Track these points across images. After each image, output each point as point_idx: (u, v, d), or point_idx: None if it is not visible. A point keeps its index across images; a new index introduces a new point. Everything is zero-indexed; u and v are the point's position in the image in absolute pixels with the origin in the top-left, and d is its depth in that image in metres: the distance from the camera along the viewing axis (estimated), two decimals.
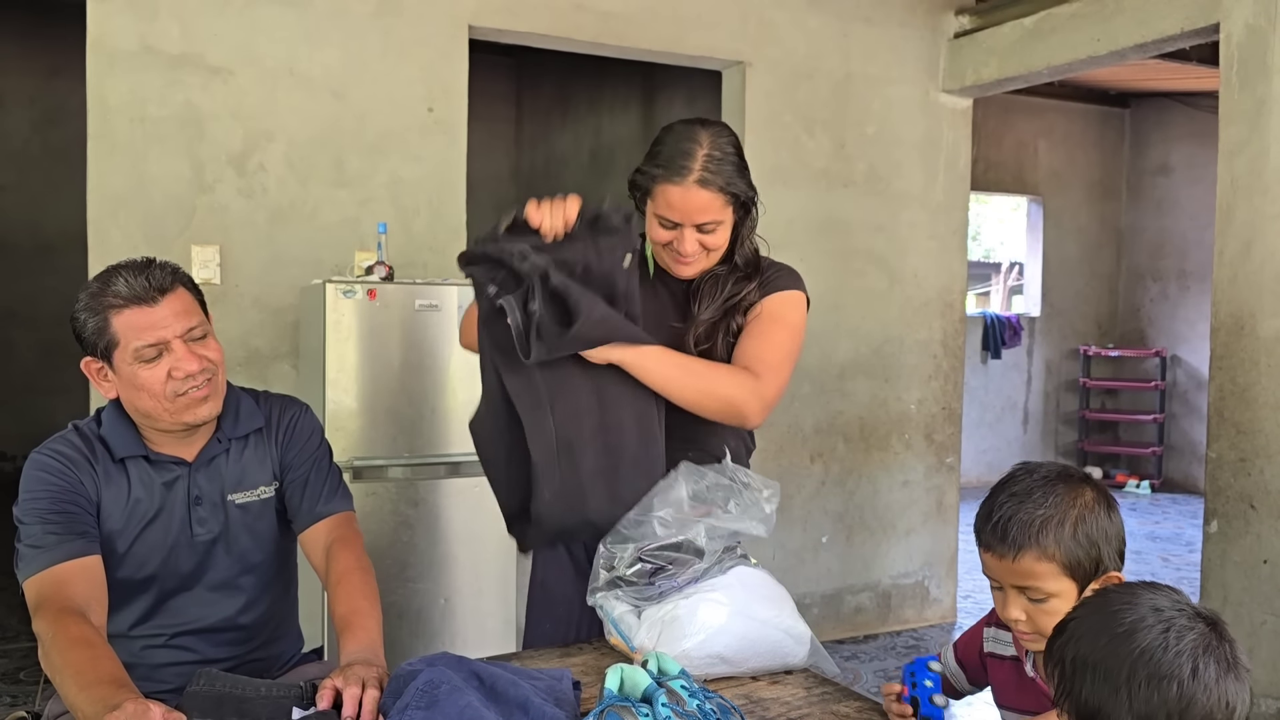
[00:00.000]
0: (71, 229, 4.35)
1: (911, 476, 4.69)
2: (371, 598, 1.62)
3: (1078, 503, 1.37)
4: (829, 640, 4.38)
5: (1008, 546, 1.39)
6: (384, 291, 3.09)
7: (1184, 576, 5.62)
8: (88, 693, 1.30)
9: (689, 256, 1.77)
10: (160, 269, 1.63)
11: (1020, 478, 1.41)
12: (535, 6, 3.81)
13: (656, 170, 1.72)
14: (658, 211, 1.74)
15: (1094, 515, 1.37)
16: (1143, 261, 8.67)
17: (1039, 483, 1.39)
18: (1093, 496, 1.38)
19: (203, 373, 1.62)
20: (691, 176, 1.70)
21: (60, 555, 1.54)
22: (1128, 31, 3.80)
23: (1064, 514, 1.36)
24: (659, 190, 1.72)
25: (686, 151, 1.71)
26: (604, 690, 1.32)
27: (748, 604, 1.58)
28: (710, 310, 1.80)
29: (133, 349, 1.58)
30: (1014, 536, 1.37)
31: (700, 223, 1.73)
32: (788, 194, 4.33)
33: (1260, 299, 3.12)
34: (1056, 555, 1.35)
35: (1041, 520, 1.35)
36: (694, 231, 1.74)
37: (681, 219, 1.72)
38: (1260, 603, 3.12)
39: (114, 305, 1.58)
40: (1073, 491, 1.38)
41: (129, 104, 3.28)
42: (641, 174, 1.76)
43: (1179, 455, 8.39)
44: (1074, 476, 1.40)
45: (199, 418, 1.64)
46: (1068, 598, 1.37)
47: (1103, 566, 1.37)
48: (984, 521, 1.41)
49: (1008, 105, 7.91)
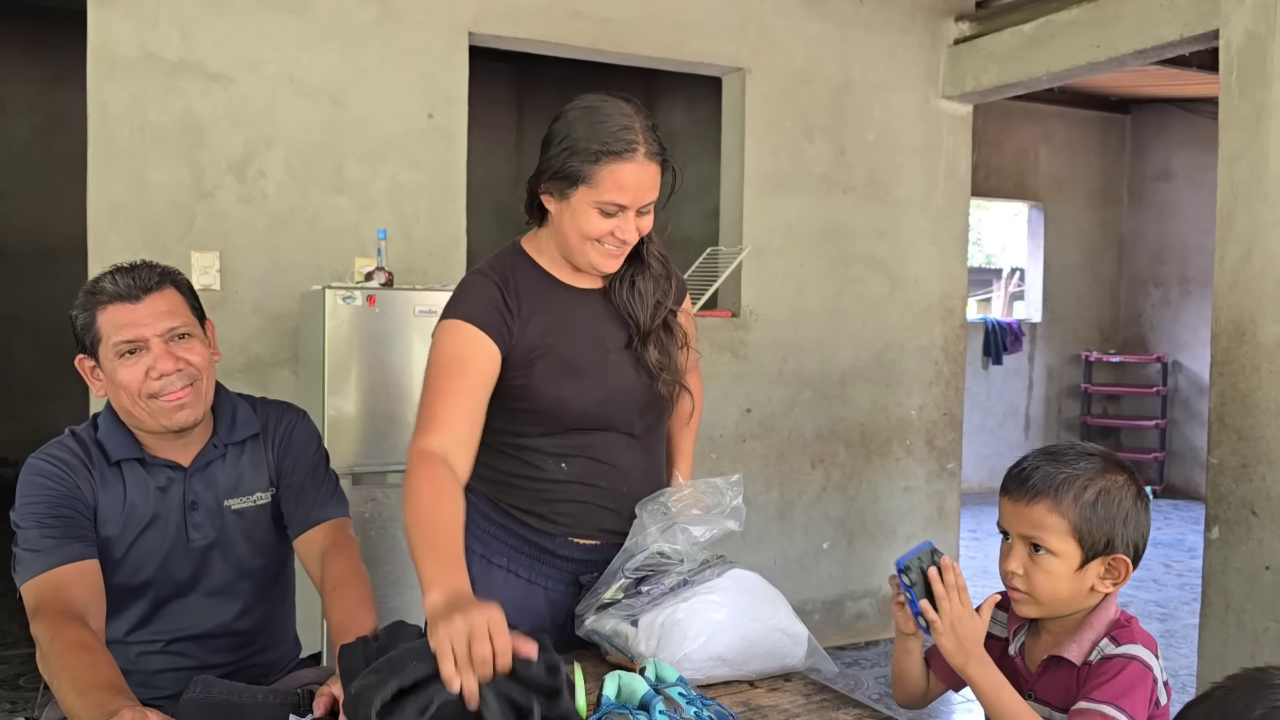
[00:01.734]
0: (72, 235, 4.35)
1: (913, 482, 4.68)
2: (367, 604, 1.62)
3: (1107, 478, 1.38)
4: (830, 646, 4.37)
5: (1024, 491, 1.41)
6: (384, 297, 3.09)
7: (1185, 582, 5.61)
8: (84, 698, 1.30)
9: (629, 245, 1.63)
10: (149, 269, 1.64)
11: (1063, 446, 1.44)
12: (535, 13, 3.81)
13: (600, 149, 1.54)
14: (602, 197, 1.56)
15: (1120, 496, 1.38)
16: (1144, 267, 8.67)
17: (1079, 453, 1.42)
18: (1126, 481, 1.40)
19: (179, 375, 1.61)
20: (641, 150, 1.55)
21: (57, 559, 1.54)
22: (1127, 38, 3.80)
23: (1089, 480, 1.38)
24: (606, 171, 1.54)
25: (626, 125, 1.55)
26: (601, 697, 1.31)
27: (745, 605, 1.58)
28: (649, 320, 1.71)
29: (112, 344, 1.60)
30: (1034, 483, 1.40)
31: (646, 202, 1.59)
32: (788, 200, 4.33)
33: (1261, 304, 3.12)
34: (1069, 514, 1.37)
35: (1065, 478, 1.38)
36: (634, 215, 1.59)
37: (632, 200, 1.57)
38: (1262, 609, 3.11)
39: (100, 302, 1.60)
40: (1108, 469, 1.40)
41: (129, 110, 3.28)
42: (577, 156, 1.55)
43: (1181, 461, 8.38)
44: (1117, 461, 1.42)
45: (176, 423, 1.64)
46: (1069, 561, 1.38)
47: (1113, 547, 1.38)
48: (1013, 468, 1.45)
49: (1008, 111, 7.91)
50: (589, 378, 1.68)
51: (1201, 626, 3.33)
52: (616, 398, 1.70)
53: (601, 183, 1.56)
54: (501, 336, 1.63)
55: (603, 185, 1.56)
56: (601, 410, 1.70)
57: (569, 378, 1.67)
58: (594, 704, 1.34)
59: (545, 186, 1.65)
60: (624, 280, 1.71)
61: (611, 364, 1.71)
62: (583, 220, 1.60)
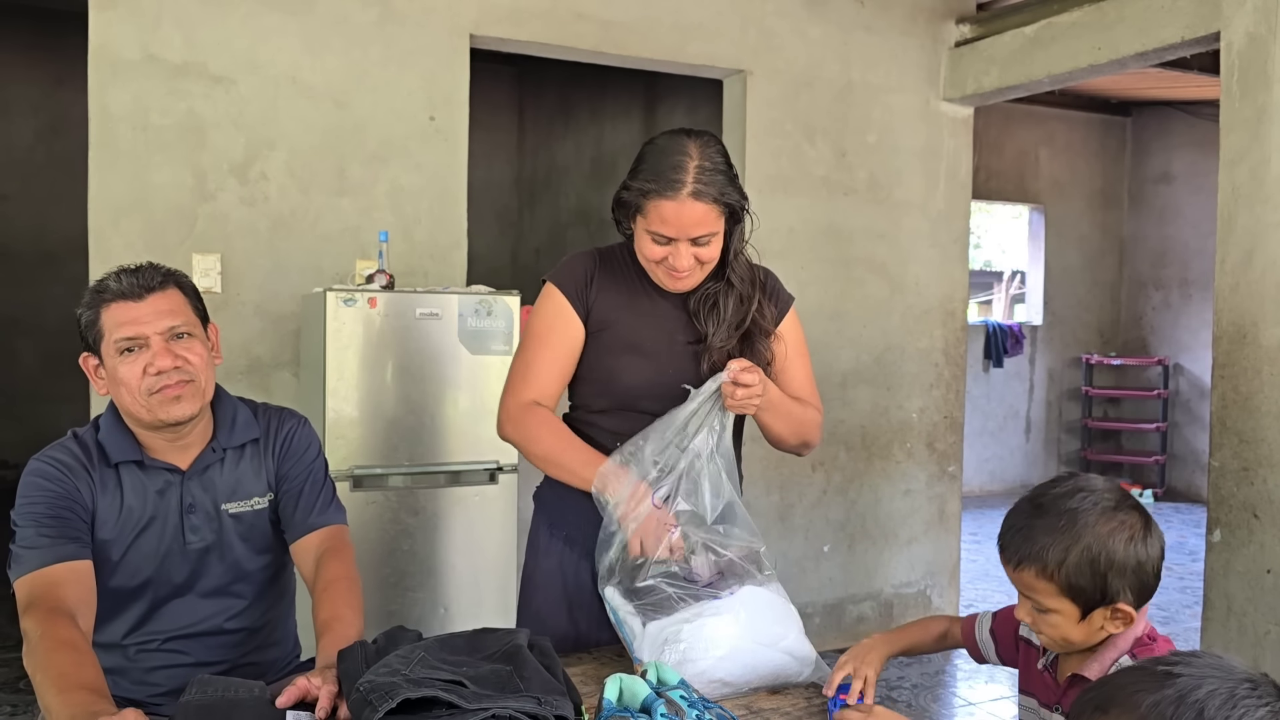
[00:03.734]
0: (74, 237, 4.35)
1: (913, 485, 4.68)
2: (355, 606, 1.63)
3: (1095, 531, 1.33)
4: (830, 650, 4.35)
5: (1008, 556, 1.40)
6: (385, 300, 3.09)
7: (1187, 586, 5.61)
8: (66, 696, 1.31)
9: (683, 272, 1.73)
10: (154, 270, 1.67)
11: (1053, 495, 1.39)
12: (537, 15, 3.81)
13: (648, 185, 1.68)
14: (650, 228, 1.70)
15: (1110, 548, 1.33)
16: (1145, 270, 8.67)
17: (1066, 498, 1.36)
18: (1116, 527, 1.34)
19: (176, 371, 1.63)
20: (685, 190, 1.66)
21: (52, 557, 1.55)
22: (1128, 40, 3.80)
23: (1073, 539, 1.33)
24: (651, 206, 1.68)
25: (677, 165, 1.67)
26: (603, 700, 1.31)
27: (752, 627, 1.55)
28: (721, 335, 1.78)
29: (114, 341, 1.62)
30: (1015, 548, 1.38)
31: (695, 236, 1.69)
32: (789, 202, 4.33)
33: (1262, 307, 3.12)
34: (1055, 576, 1.35)
35: (1047, 544, 1.34)
36: (688, 245, 1.70)
37: (676, 234, 1.68)
38: (1264, 612, 3.10)
39: (105, 300, 1.63)
40: (1100, 517, 1.34)
41: (131, 113, 3.28)
42: (630, 190, 1.72)
43: (1182, 464, 8.37)
44: (1111, 502, 1.36)
45: (172, 416, 1.65)
46: (1068, 616, 1.37)
47: (1110, 597, 1.35)
48: (1004, 523, 1.42)
49: (1009, 114, 7.91)
50: (646, 357, 1.78)
51: (1203, 630, 3.33)
52: (670, 382, 1.74)
53: (649, 215, 1.70)
54: (581, 302, 1.80)
55: (650, 218, 1.70)
56: (650, 389, 1.76)
57: (627, 352, 1.79)
58: (595, 707, 1.34)
59: (618, 216, 1.80)
60: (705, 297, 1.81)
61: (675, 352, 1.79)
62: (642, 244, 1.75)
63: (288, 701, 1.34)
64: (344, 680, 1.35)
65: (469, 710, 1.20)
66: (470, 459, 3.20)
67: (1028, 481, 8.60)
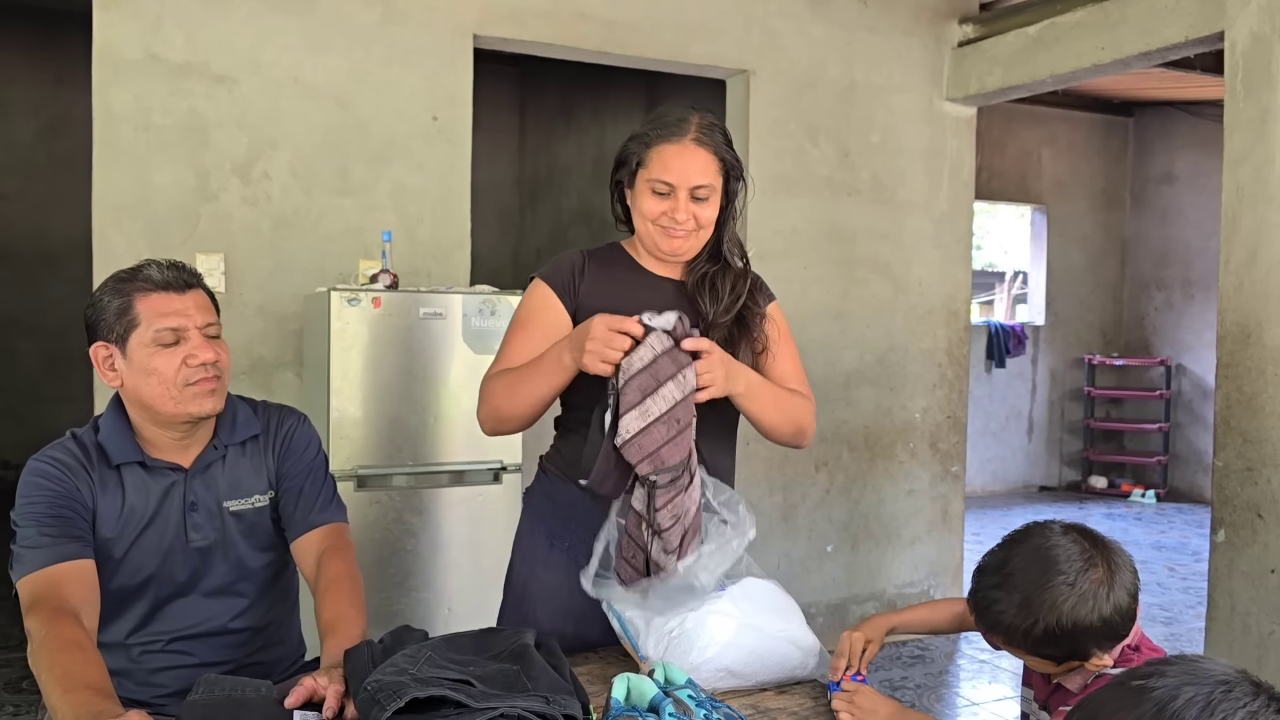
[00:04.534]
0: (76, 238, 4.36)
1: (916, 485, 4.68)
2: (358, 606, 1.63)
3: (1059, 607, 1.32)
4: (833, 650, 4.36)
5: (978, 621, 1.44)
6: (388, 300, 3.09)
7: (1190, 586, 5.60)
8: (71, 696, 1.30)
9: (682, 226, 1.73)
10: (186, 268, 1.69)
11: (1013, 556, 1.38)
12: (539, 16, 3.81)
13: (652, 132, 1.73)
14: (652, 176, 1.72)
15: (1079, 614, 1.32)
16: (1147, 270, 8.66)
17: (1028, 569, 1.35)
18: (1079, 598, 1.32)
19: (214, 366, 1.65)
20: (689, 135, 1.72)
21: (55, 556, 1.55)
22: (1132, 40, 3.80)
23: (1033, 621, 1.33)
24: (655, 154, 1.72)
25: (682, 116, 1.74)
26: (610, 700, 1.31)
27: (755, 616, 1.57)
28: (722, 312, 1.77)
29: (153, 331, 1.62)
30: (982, 618, 1.41)
31: (696, 184, 1.71)
32: (792, 203, 4.33)
33: (1266, 307, 3.11)
34: (1024, 645, 1.38)
35: (1011, 620, 1.36)
36: (688, 200, 1.72)
37: (679, 180, 1.71)
38: (1268, 612, 3.10)
39: (142, 289, 1.63)
40: (1059, 592, 1.32)
41: (134, 112, 3.28)
42: (635, 140, 1.76)
43: (1184, 464, 8.37)
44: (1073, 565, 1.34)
45: (203, 410, 1.65)
46: (1050, 666, 1.41)
47: (1083, 654, 1.36)
48: (974, 581, 1.44)
49: (1011, 114, 7.91)
50: None
51: (1207, 631, 3.32)
52: None
53: (651, 163, 1.73)
54: (569, 295, 1.80)
55: (652, 165, 1.73)
56: None
57: None
58: (603, 706, 1.33)
59: (618, 175, 1.81)
60: (703, 276, 1.81)
61: None
62: (642, 202, 1.75)
63: (296, 702, 1.34)
64: (351, 680, 1.35)
65: (477, 710, 1.19)
66: (474, 459, 3.20)
67: (1030, 482, 8.60)
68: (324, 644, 1.55)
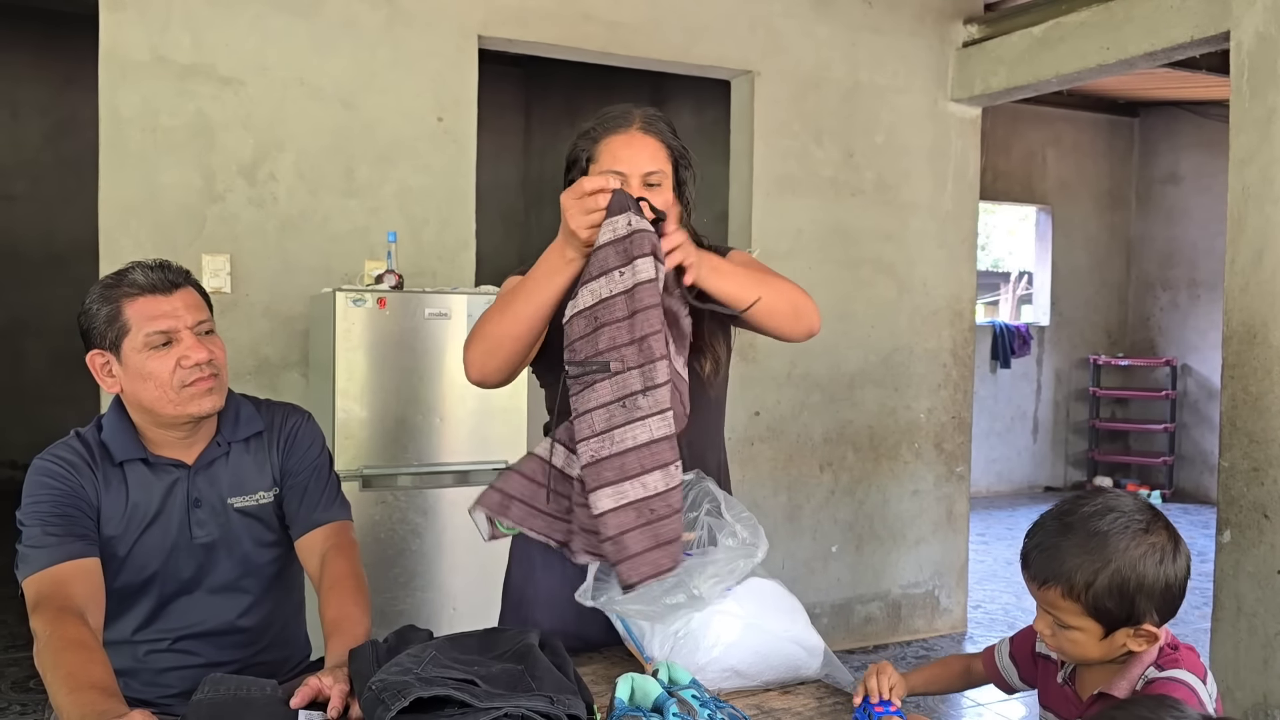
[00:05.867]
0: (83, 239, 4.37)
1: (921, 486, 4.67)
2: (363, 605, 1.64)
3: (1128, 554, 1.31)
4: (839, 650, 4.36)
5: (1033, 574, 1.38)
6: (393, 300, 3.10)
7: (1195, 586, 5.54)
8: (76, 696, 1.31)
9: None
10: (172, 267, 1.68)
11: (1081, 506, 1.36)
12: (544, 16, 3.82)
13: (599, 128, 1.75)
14: (604, 169, 1.73)
15: (1139, 571, 1.31)
16: (1152, 270, 8.65)
17: (1096, 518, 1.33)
18: (1146, 550, 1.32)
19: (209, 364, 1.65)
20: (634, 125, 1.74)
21: (60, 555, 1.55)
22: (1137, 40, 3.79)
23: (1103, 563, 1.31)
24: (603, 147, 1.73)
25: (623, 110, 1.76)
26: (614, 700, 1.31)
27: (760, 616, 1.56)
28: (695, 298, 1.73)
29: (143, 335, 1.61)
30: (1041, 567, 1.36)
31: (647, 170, 1.71)
32: (796, 203, 4.33)
33: (1272, 307, 3.11)
34: (1082, 598, 1.33)
35: (1073, 563, 1.32)
36: (640, 186, 1.71)
37: (629, 168, 1.70)
38: (1274, 613, 3.09)
39: (128, 294, 1.62)
40: (1129, 540, 1.32)
41: (141, 114, 3.29)
42: (583, 138, 1.77)
43: (1190, 465, 8.35)
44: (1138, 523, 1.33)
45: (203, 409, 1.65)
46: (1091, 633, 1.35)
47: (1136, 618, 1.33)
48: (1027, 537, 1.39)
49: (1016, 114, 7.90)
50: None
51: (1213, 631, 3.32)
52: None
53: (601, 156, 1.74)
54: None
55: (603, 158, 1.74)
56: None
57: None
58: (607, 706, 1.34)
59: (570, 175, 1.79)
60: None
61: None
62: None
63: (301, 702, 1.34)
64: (355, 679, 1.35)
65: (481, 709, 1.19)
66: (479, 458, 3.21)
67: (1035, 482, 8.59)
68: (328, 644, 1.56)
